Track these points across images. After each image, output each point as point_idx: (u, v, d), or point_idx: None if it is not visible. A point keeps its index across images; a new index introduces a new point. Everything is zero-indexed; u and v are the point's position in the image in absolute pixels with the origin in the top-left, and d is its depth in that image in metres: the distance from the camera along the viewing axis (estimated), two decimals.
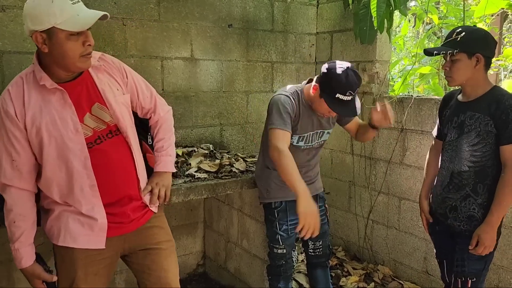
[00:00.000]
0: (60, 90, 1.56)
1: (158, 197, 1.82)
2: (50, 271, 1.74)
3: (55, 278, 1.71)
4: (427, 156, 2.27)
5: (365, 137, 2.40)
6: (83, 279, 1.69)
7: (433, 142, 2.25)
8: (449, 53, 1.88)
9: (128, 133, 1.71)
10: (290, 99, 2.14)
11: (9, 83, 1.59)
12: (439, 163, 2.11)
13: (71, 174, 1.60)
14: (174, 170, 1.93)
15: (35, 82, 1.55)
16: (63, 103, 1.57)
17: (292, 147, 2.16)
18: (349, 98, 2.00)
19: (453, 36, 1.89)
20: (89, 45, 1.52)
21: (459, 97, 2.03)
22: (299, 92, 2.21)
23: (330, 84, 2.02)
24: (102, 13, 1.50)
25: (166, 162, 1.88)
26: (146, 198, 1.81)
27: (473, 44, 1.86)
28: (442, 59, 3.60)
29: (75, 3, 1.48)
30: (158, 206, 1.88)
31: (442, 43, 2.01)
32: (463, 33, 1.86)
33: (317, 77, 2.14)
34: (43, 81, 1.54)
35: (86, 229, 1.65)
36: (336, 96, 2.00)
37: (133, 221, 1.76)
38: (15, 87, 1.56)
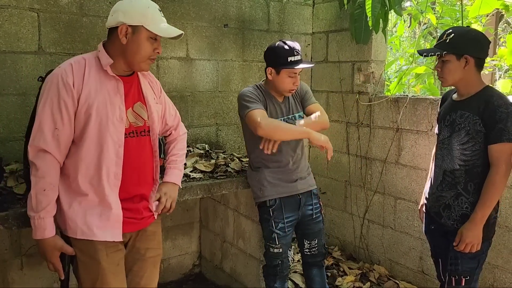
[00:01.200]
0: (117, 79, 1.71)
1: (164, 207, 1.89)
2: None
3: (74, 252, 1.70)
4: (432, 154, 2.28)
5: None
6: (108, 269, 1.70)
7: (436, 140, 2.25)
8: (437, 54, 1.92)
9: (154, 136, 1.85)
10: (252, 89, 2.33)
11: (68, 60, 1.68)
12: (434, 162, 2.13)
13: (103, 158, 1.66)
14: (181, 186, 2.02)
15: (97, 65, 1.69)
16: (116, 91, 1.70)
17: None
18: (299, 57, 2.21)
19: (444, 38, 1.92)
20: (158, 52, 1.72)
21: (454, 96, 2.05)
22: (258, 85, 2.40)
23: (277, 55, 2.24)
24: (181, 31, 1.72)
25: (177, 175, 1.99)
26: (153, 205, 1.87)
27: (461, 46, 1.88)
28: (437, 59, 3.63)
29: (163, 16, 1.73)
30: (158, 213, 1.93)
31: (434, 44, 2.04)
32: (453, 34, 1.89)
33: (266, 67, 2.33)
34: (106, 67, 1.68)
35: (103, 220, 1.68)
36: (289, 60, 2.20)
37: (143, 218, 1.82)
38: (77, 63, 1.66)
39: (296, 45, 2.25)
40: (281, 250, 2.36)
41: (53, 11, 2.47)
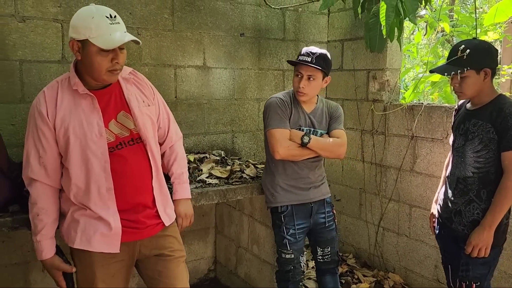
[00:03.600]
0: (90, 95, 1.69)
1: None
2: (68, 262, 1.81)
3: (74, 269, 1.79)
4: (445, 162, 2.30)
5: None
6: (101, 280, 1.76)
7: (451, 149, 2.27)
8: (459, 72, 1.92)
9: (149, 142, 1.80)
10: (281, 97, 2.34)
11: (45, 86, 1.73)
12: (449, 170, 2.14)
13: (90, 175, 1.69)
14: (189, 195, 2.05)
15: (69, 87, 1.69)
16: (92, 108, 1.69)
17: None
18: (308, 58, 2.25)
19: (458, 54, 1.93)
20: (117, 62, 1.64)
21: (468, 105, 2.09)
22: (290, 91, 2.43)
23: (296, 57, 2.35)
24: (129, 38, 1.61)
25: (187, 189, 2.03)
26: (165, 220, 1.90)
27: (480, 60, 1.90)
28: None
29: (113, 24, 1.60)
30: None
31: (446, 61, 2.03)
32: (468, 50, 1.90)
33: None
34: (75, 86, 1.67)
35: (101, 233, 1.71)
36: (299, 59, 2.29)
37: (148, 227, 1.82)
38: (50, 89, 1.69)
39: (312, 48, 2.29)
40: (292, 256, 2.39)
41: None
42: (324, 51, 2.30)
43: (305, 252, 2.60)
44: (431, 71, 2.09)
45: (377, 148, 3.32)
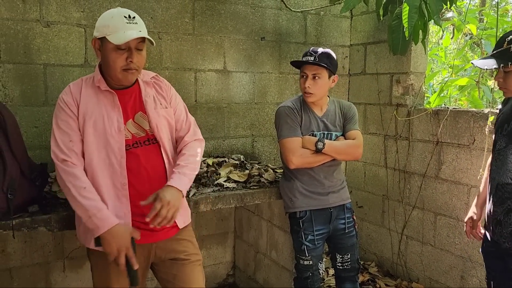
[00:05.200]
0: (111, 92, 1.75)
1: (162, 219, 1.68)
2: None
3: (136, 266, 1.67)
4: (487, 164, 2.12)
5: None
6: (116, 281, 1.77)
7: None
8: (502, 66, 1.71)
9: (163, 142, 1.82)
10: (289, 105, 2.31)
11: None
12: (489, 173, 1.96)
13: (106, 168, 1.72)
14: (184, 191, 1.79)
15: (93, 84, 1.77)
16: (112, 105, 1.75)
17: None
18: (311, 57, 2.21)
19: (504, 46, 1.72)
20: (131, 61, 1.67)
21: None
22: (299, 96, 2.38)
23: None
24: (139, 35, 1.64)
25: (181, 179, 1.77)
26: (179, 222, 1.85)
27: None
28: (482, 70, 3.50)
29: (130, 23, 1.66)
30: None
31: (491, 52, 1.82)
32: None
33: None
34: (98, 83, 1.74)
35: None
36: (303, 59, 2.26)
37: (163, 230, 1.82)
38: (75, 84, 1.78)
39: (315, 48, 2.26)
40: (311, 262, 2.34)
41: None
42: (327, 49, 2.27)
43: (324, 259, 2.54)
44: (474, 63, 1.85)
45: (400, 153, 3.23)
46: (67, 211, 1.96)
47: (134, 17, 1.69)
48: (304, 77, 2.25)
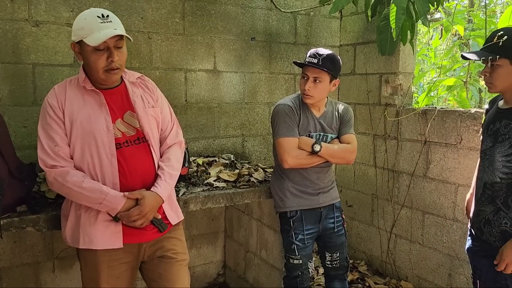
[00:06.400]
0: (96, 92, 1.74)
1: (132, 220, 1.72)
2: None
3: (158, 215, 1.82)
4: (477, 165, 2.13)
5: None
6: (105, 281, 1.77)
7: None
8: (490, 59, 1.75)
9: (153, 141, 1.84)
10: (289, 104, 2.28)
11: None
12: (476, 173, 1.99)
13: (97, 169, 1.71)
14: (165, 198, 1.84)
15: (78, 85, 1.75)
16: (99, 104, 1.74)
17: None
18: (315, 60, 2.20)
19: (494, 40, 1.74)
20: (112, 61, 1.66)
21: (500, 103, 1.89)
22: (298, 95, 2.36)
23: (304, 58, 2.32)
24: (113, 34, 1.62)
25: (167, 190, 1.83)
26: (173, 219, 1.90)
27: None
28: (471, 70, 3.55)
29: (104, 22, 1.64)
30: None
31: (482, 47, 1.86)
32: (506, 36, 1.71)
33: None
34: (83, 83, 1.73)
35: (103, 229, 1.72)
36: (306, 61, 2.24)
37: (154, 229, 1.83)
38: (59, 86, 1.77)
39: (319, 50, 2.23)
40: (300, 261, 2.35)
41: None
42: (332, 52, 2.24)
43: (314, 258, 2.56)
44: (462, 56, 1.87)
45: (389, 153, 3.27)
46: (56, 210, 1.96)
47: (107, 16, 1.67)
48: (305, 78, 2.24)
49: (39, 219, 1.91)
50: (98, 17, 1.64)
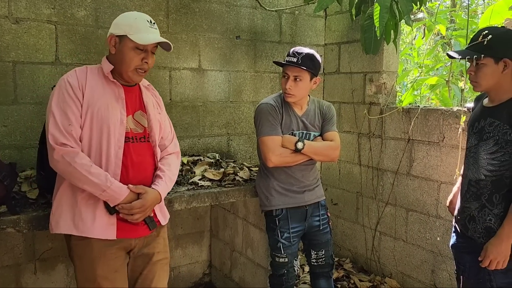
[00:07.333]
0: (117, 85, 1.81)
1: (131, 213, 1.75)
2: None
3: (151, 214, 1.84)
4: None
5: None
6: (104, 277, 1.74)
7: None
8: (475, 58, 1.77)
9: (155, 143, 1.91)
10: (271, 103, 2.30)
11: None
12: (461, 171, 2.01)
13: (103, 157, 1.73)
14: (163, 197, 1.90)
15: (99, 73, 1.81)
16: (116, 97, 1.80)
17: None
18: (294, 59, 2.21)
19: (479, 39, 1.77)
20: (146, 62, 1.78)
21: (485, 101, 1.91)
22: (280, 94, 2.38)
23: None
24: (164, 40, 1.78)
25: (166, 190, 1.90)
26: (161, 219, 1.93)
27: (500, 48, 1.74)
28: (453, 70, 3.60)
29: (151, 27, 1.78)
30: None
31: (467, 46, 1.88)
32: (490, 36, 1.74)
33: None
34: (108, 73, 1.79)
35: (99, 218, 1.72)
36: (285, 60, 2.26)
37: (145, 225, 1.84)
38: (81, 70, 1.80)
39: (299, 49, 2.25)
40: (286, 259, 2.36)
41: (70, 23, 2.56)
42: (311, 51, 2.25)
43: (299, 256, 2.57)
44: (448, 55, 1.89)
45: (374, 151, 3.30)
46: (36, 211, 1.93)
47: (154, 23, 1.81)
48: (286, 77, 2.26)
49: (20, 219, 1.87)
50: (148, 21, 1.78)
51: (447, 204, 2.21)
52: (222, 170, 2.66)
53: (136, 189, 1.77)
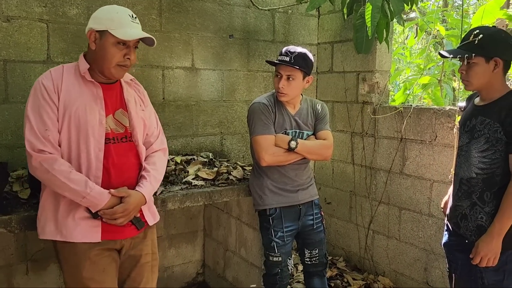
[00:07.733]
0: (95, 84, 1.74)
1: (114, 218, 1.71)
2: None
3: (137, 214, 1.80)
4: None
5: None
6: (90, 279, 1.72)
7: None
8: (466, 57, 1.79)
9: (139, 142, 1.85)
10: (264, 102, 2.30)
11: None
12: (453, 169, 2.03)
13: (82, 160, 1.69)
14: (148, 199, 1.84)
15: (75, 73, 1.74)
16: (95, 97, 1.73)
17: None
18: (287, 58, 2.21)
19: (470, 39, 1.80)
20: (128, 58, 1.72)
21: (476, 100, 1.94)
22: (272, 93, 2.38)
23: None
24: (147, 35, 1.71)
25: (151, 191, 1.85)
26: (149, 220, 1.89)
27: (491, 48, 1.76)
28: (445, 69, 3.62)
29: (133, 22, 1.72)
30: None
31: (458, 45, 1.90)
32: (481, 35, 1.76)
33: None
34: (84, 73, 1.72)
35: (81, 222, 1.69)
36: (278, 59, 2.26)
37: (132, 226, 1.81)
38: (56, 70, 1.73)
39: (291, 48, 2.25)
40: (280, 258, 2.36)
41: (62, 22, 2.54)
42: (304, 50, 2.26)
43: (293, 255, 2.57)
44: (440, 54, 1.91)
45: (367, 150, 3.31)
46: (28, 211, 1.91)
47: (135, 17, 1.74)
48: (279, 76, 2.25)
49: (11, 220, 1.85)
50: (129, 15, 1.71)
51: (441, 205, 2.23)
52: (215, 169, 2.65)
53: (118, 192, 1.71)
